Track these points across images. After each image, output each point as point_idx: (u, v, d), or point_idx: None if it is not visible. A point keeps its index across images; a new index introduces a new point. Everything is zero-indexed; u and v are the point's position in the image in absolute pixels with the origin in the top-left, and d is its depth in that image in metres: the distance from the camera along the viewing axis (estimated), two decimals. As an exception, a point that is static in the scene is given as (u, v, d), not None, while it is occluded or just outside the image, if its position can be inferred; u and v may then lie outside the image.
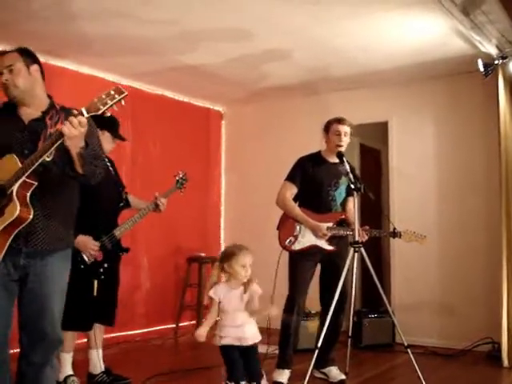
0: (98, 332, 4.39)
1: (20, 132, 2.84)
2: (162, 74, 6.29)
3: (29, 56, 2.96)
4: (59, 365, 4.16)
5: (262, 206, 6.25)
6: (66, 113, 2.88)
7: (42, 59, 5.41)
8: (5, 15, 4.57)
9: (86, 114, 2.50)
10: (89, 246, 4.09)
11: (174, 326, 6.75)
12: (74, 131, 2.47)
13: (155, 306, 6.67)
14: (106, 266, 4.22)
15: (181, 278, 6.87)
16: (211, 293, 3.44)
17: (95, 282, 4.13)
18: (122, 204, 4.50)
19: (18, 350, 2.87)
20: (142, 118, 6.56)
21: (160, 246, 6.77)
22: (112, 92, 2.50)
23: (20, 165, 2.65)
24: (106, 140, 4.33)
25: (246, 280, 3.42)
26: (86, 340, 4.46)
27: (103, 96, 2.49)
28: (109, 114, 2.54)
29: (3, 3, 4.34)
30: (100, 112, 2.50)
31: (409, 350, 4.15)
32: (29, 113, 2.89)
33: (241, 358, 3.38)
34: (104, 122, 4.28)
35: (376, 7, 4.41)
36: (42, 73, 3.03)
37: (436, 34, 4.91)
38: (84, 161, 2.69)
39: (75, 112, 2.49)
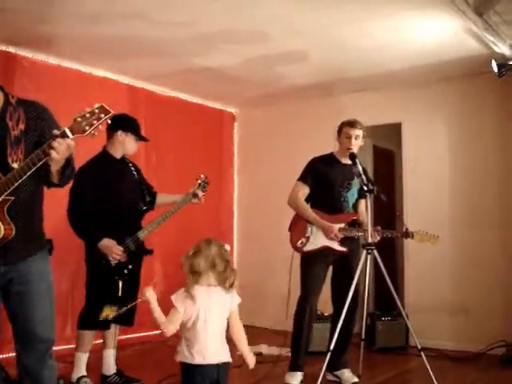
0: (114, 332, 4.44)
1: None
2: (175, 76, 6.30)
3: None
4: (74, 364, 4.21)
5: (274, 208, 6.24)
6: (25, 107, 2.73)
7: (56, 62, 5.54)
8: (19, 18, 4.60)
9: (70, 135, 2.38)
10: (113, 251, 4.12)
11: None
12: (62, 155, 2.40)
13: (169, 308, 6.65)
14: (130, 267, 4.28)
15: (194, 280, 6.85)
16: None
17: (120, 283, 4.18)
18: (145, 207, 4.53)
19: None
20: (155, 119, 6.56)
21: (173, 248, 6.74)
22: (96, 110, 2.37)
23: None
24: (130, 142, 4.39)
25: None
26: (100, 341, 4.48)
27: (87, 115, 2.37)
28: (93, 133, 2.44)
29: (18, 7, 4.37)
30: (86, 134, 2.37)
31: (422, 353, 4.13)
32: None
33: None
34: (128, 125, 4.33)
35: (390, 8, 4.39)
36: None
37: (449, 35, 4.88)
38: (62, 176, 2.63)
39: (57, 133, 2.38)
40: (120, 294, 4.17)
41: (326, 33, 4.93)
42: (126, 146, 4.36)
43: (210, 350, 2.89)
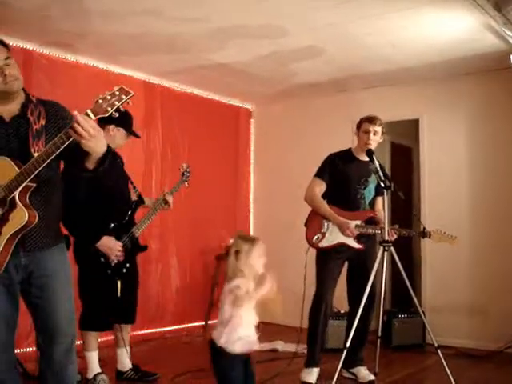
0: (125, 331, 4.42)
1: (4, 131, 2.69)
2: (191, 72, 6.30)
3: (9, 49, 2.75)
4: (87, 363, 4.22)
5: (290, 204, 6.23)
6: (45, 106, 2.79)
7: (72, 58, 5.56)
8: (36, 16, 4.62)
9: (92, 117, 2.39)
10: (115, 248, 4.09)
11: (203, 323, 6.77)
12: (89, 134, 2.38)
13: (184, 304, 6.70)
14: (127, 265, 4.25)
15: (210, 276, 6.88)
16: None
17: (119, 283, 4.15)
18: (136, 202, 4.46)
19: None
20: (171, 116, 6.58)
21: (189, 244, 6.79)
22: (117, 92, 2.39)
23: (17, 168, 2.54)
24: (120, 136, 4.30)
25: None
26: (113, 337, 4.50)
27: (108, 97, 2.38)
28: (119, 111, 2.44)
29: (35, 5, 4.39)
30: (107, 114, 2.39)
31: (439, 351, 4.09)
32: (8, 109, 2.72)
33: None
34: (119, 118, 4.28)
35: (406, 3, 4.35)
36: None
37: (468, 30, 4.83)
38: (99, 164, 2.61)
39: (83, 116, 2.37)
40: (119, 294, 4.14)
41: (342, 28, 4.90)
42: (115, 140, 4.23)
43: None
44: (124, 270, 4.21)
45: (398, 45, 5.26)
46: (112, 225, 4.18)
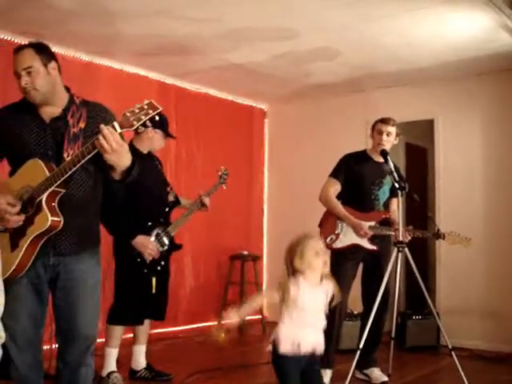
0: (146, 328, 4.47)
1: (42, 132, 2.73)
2: (205, 73, 6.31)
3: (45, 53, 2.76)
4: (104, 359, 4.24)
5: (304, 204, 6.21)
6: (88, 108, 2.82)
7: (87, 58, 5.60)
8: (49, 15, 4.65)
9: (118, 130, 2.41)
10: (149, 247, 4.14)
11: (216, 323, 6.76)
12: (112, 147, 2.40)
13: (198, 303, 6.71)
14: (162, 263, 4.31)
15: (223, 276, 6.88)
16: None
17: (153, 280, 4.22)
18: (173, 202, 4.56)
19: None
20: (185, 116, 6.60)
21: (203, 244, 6.80)
22: (145, 106, 2.40)
23: (47, 172, 2.57)
24: (158, 138, 4.40)
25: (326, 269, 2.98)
26: (129, 336, 4.52)
27: (136, 110, 2.39)
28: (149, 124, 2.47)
29: (48, 3, 4.42)
30: (133, 128, 2.42)
31: (453, 353, 4.06)
32: (49, 111, 2.76)
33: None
34: (158, 121, 4.34)
35: (422, 3, 4.33)
36: (59, 67, 2.83)
37: (483, 30, 4.80)
38: (127, 175, 2.65)
39: (110, 128, 2.40)
40: (154, 290, 4.22)
41: (356, 28, 4.89)
42: (154, 142, 4.38)
43: None
44: (159, 268, 4.28)
45: (413, 45, 5.24)
46: (149, 224, 4.25)
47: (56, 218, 2.60)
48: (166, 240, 4.32)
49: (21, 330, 2.73)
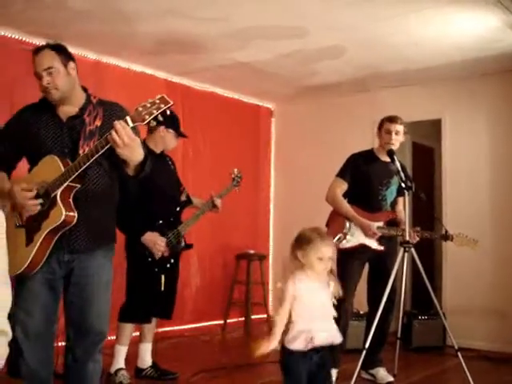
0: (153, 326, 4.48)
1: (59, 130, 2.81)
2: (212, 71, 6.31)
3: (64, 53, 2.86)
4: (113, 356, 4.25)
5: (311, 203, 6.20)
6: (105, 107, 2.87)
7: (94, 57, 5.61)
8: (58, 14, 4.67)
9: (131, 124, 2.44)
10: (157, 243, 4.16)
11: (222, 322, 6.78)
12: (124, 141, 2.43)
13: (204, 303, 6.71)
14: (172, 261, 4.33)
15: (229, 275, 6.89)
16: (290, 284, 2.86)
17: (162, 277, 4.23)
18: (184, 202, 4.58)
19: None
20: (192, 115, 6.59)
21: (209, 243, 6.80)
22: (157, 101, 2.42)
23: (62, 168, 2.63)
24: (170, 137, 4.42)
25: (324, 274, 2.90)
26: (136, 334, 4.53)
27: (148, 105, 2.42)
28: (161, 119, 2.49)
29: (56, 3, 4.43)
30: (145, 122, 2.44)
31: (459, 354, 4.05)
32: (66, 110, 2.84)
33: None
34: (169, 120, 4.36)
35: (428, 4, 4.32)
36: (77, 67, 2.93)
37: (491, 30, 4.79)
38: (140, 170, 2.69)
39: (122, 122, 2.44)
40: (162, 288, 4.22)
41: (362, 28, 4.88)
42: (166, 141, 4.40)
43: None
44: (168, 266, 4.29)
45: (420, 44, 5.23)
46: (160, 221, 4.27)
47: (70, 213, 2.65)
48: (174, 239, 4.33)
49: (34, 325, 2.77)
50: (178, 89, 6.49)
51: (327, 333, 2.90)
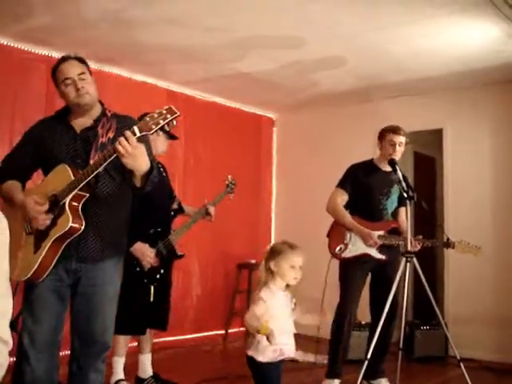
0: (149, 337, 4.43)
1: (72, 141, 2.86)
2: (213, 81, 6.32)
3: (87, 65, 2.97)
4: (112, 368, 4.23)
5: (312, 213, 6.19)
6: (118, 119, 2.93)
7: (96, 66, 5.63)
8: (61, 22, 4.68)
9: (138, 133, 2.47)
10: (146, 254, 4.11)
11: (223, 332, 6.76)
12: (127, 150, 2.46)
13: (205, 312, 6.70)
14: (162, 272, 4.26)
15: (231, 284, 6.87)
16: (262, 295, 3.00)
17: (152, 288, 4.17)
18: (175, 210, 4.52)
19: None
20: (193, 124, 6.61)
21: (210, 252, 6.80)
22: (164, 111, 2.47)
23: (72, 176, 2.67)
24: (161, 141, 4.30)
25: (294, 283, 3.05)
26: (135, 344, 4.51)
27: (155, 115, 2.46)
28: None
29: (60, 11, 4.44)
30: (152, 132, 2.48)
31: (461, 364, 4.03)
32: (81, 121, 2.91)
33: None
34: None
35: (429, 13, 4.32)
36: None
37: (492, 40, 4.79)
38: (146, 180, 2.70)
39: (127, 132, 2.47)
40: (152, 299, 4.15)
41: (364, 38, 4.89)
42: (158, 146, 4.21)
43: None
44: (158, 276, 4.23)
45: (421, 54, 5.23)
46: (151, 231, 4.22)
47: (77, 222, 2.69)
48: (165, 249, 4.27)
49: (41, 333, 2.79)
50: (179, 98, 6.50)
51: (291, 347, 3.05)
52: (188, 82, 6.38)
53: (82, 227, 2.69)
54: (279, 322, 2.95)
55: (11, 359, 1.80)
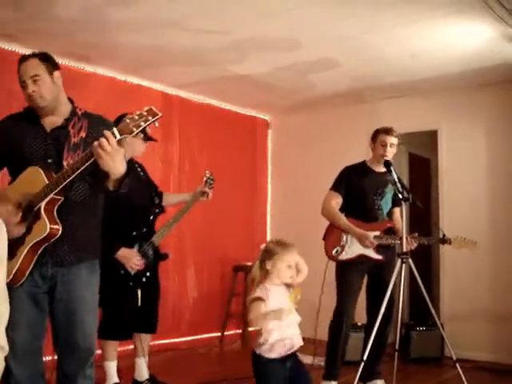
0: (144, 340, 4.40)
1: (42, 140, 2.77)
2: (209, 83, 6.32)
3: (50, 62, 2.83)
4: (105, 373, 4.21)
5: (308, 215, 6.19)
6: (90, 119, 2.85)
7: (91, 69, 5.63)
8: (51, 26, 4.67)
9: (118, 136, 2.41)
10: (132, 260, 4.07)
11: (219, 334, 6.75)
12: (108, 154, 2.40)
13: (201, 315, 6.68)
14: (148, 274, 4.22)
15: (227, 287, 6.86)
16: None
17: (139, 292, 4.12)
18: (157, 210, 4.43)
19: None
20: (189, 126, 6.61)
21: (206, 255, 6.79)
22: (145, 113, 2.39)
23: (46, 180, 2.58)
24: (139, 143, 4.24)
25: (290, 282, 3.08)
26: (131, 347, 4.50)
27: (135, 117, 2.39)
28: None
29: (56, 16, 4.43)
30: (132, 135, 2.42)
31: (458, 365, 4.04)
32: (51, 120, 2.82)
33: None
34: None
35: (424, 15, 4.34)
36: (61, 77, 2.89)
37: (486, 41, 4.80)
38: (121, 183, 2.63)
39: (107, 132, 2.41)
40: (139, 303, 4.11)
41: (360, 40, 4.89)
42: (134, 148, 4.18)
43: None
44: (144, 279, 4.18)
45: (416, 56, 5.24)
46: (134, 233, 4.18)
47: (55, 226, 2.61)
48: (150, 251, 4.23)
49: (20, 341, 2.68)
50: (174, 101, 6.50)
51: (298, 338, 3.09)
52: (183, 85, 6.37)
53: (60, 232, 2.62)
54: (283, 315, 2.97)
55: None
